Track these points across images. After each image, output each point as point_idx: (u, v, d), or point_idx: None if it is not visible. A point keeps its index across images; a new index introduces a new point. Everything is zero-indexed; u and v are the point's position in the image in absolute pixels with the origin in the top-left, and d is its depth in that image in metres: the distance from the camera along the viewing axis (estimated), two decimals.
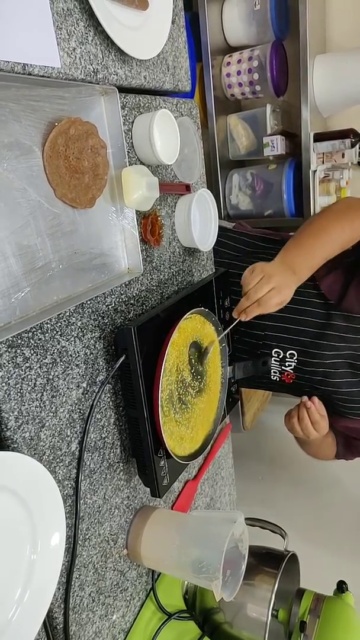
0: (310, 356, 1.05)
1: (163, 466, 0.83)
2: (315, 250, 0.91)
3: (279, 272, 0.85)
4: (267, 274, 0.84)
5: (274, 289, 0.83)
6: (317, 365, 1.04)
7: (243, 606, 0.95)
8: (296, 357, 1.07)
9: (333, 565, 1.59)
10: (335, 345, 1.02)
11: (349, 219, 0.94)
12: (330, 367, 1.03)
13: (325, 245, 0.92)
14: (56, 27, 0.62)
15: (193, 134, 0.95)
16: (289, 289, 0.85)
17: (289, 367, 1.09)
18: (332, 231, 0.92)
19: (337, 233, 0.92)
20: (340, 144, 1.87)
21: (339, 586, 0.99)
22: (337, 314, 1.02)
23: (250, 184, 2.07)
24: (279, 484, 2.12)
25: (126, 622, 0.87)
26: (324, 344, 1.02)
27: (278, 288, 0.83)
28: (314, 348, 1.03)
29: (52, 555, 0.64)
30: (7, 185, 0.57)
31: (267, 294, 0.83)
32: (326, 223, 0.94)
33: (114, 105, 0.72)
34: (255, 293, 0.83)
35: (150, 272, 0.88)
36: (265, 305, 0.84)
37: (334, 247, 0.93)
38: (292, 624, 0.96)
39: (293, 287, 0.86)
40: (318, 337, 1.03)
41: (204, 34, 1.88)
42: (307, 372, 1.07)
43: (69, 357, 0.69)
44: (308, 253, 0.90)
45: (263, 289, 0.83)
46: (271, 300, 0.83)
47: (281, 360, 1.10)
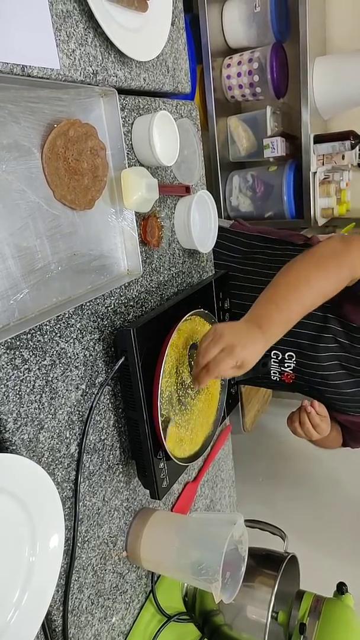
0: (308, 358, 1.05)
1: (162, 468, 0.83)
2: (290, 304, 0.78)
3: (233, 331, 0.74)
4: (217, 335, 0.73)
5: (223, 349, 0.72)
6: (315, 367, 1.04)
7: (243, 608, 0.94)
8: (295, 359, 1.07)
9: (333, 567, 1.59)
10: (331, 347, 1.02)
11: (334, 266, 0.82)
12: (328, 370, 1.03)
13: (303, 298, 0.79)
14: (55, 29, 0.62)
15: (193, 135, 0.95)
16: (245, 350, 0.72)
17: (288, 368, 1.09)
18: (314, 281, 0.80)
19: (321, 284, 0.81)
20: (340, 146, 1.87)
21: (338, 588, 0.98)
22: (333, 317, 1.02)
23: (250, 185, 2.07)
24: (279, 486, 2.12)
25: (125, 624, 0.87)
26: (320, 346, 1.02)
27: (229, 349, 0.71)
28: (311, 350, 1.03)
29: (51, 558, 0.64)
30: (6, 186, 0.57)
31: (217, 356, 0.72)
32: (307, 271, 0.81)
33: (113, 107, 0.72)
34: (202, 356, 0.73)
35: (150, 273, 0.88)
36: (215, 368, 0.72)
37: (314, 300, 0.81)
38: (291, 626, 0.96)
39: (255, 345, 0.73)
40: (314, 339, 1.03)
41: (204, 35, 1.88)
42: (306, 373, 1.07)
43: (68, 359, 0.69)
44: (280, 308, 0.78)
45: (211, 351, 0.72)
46: (223, 363, 0.71)
47: (280, 362, 1.10)
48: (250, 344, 0.73)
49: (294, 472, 2.14)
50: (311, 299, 0.80)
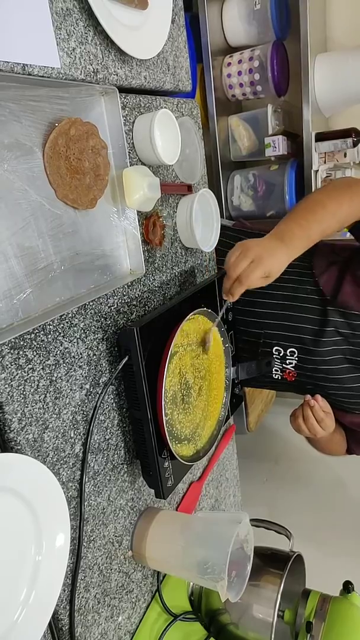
0: (310, 353, 1.04)
1: (167, 467, 0.83)
2: (310, 223, 0.87)
3: (259, 244, 0.81)
4: (245, 248, 0.81)
5: (253, 261, 0.79)
6: (317, 362, 1.04)
7: (249, 607, 0.94)
8: (297, 355, 1.07)
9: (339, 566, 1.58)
10: (333, 340, 1.02)
11: (347, 195, 0.90)
12: (331, 364, 1.03)
13: (321, 219, 0.87)
14: (55, 27, 0.62)
15: (194, 134, 0.95)
16: (272, 258, 0.80)
17: (290, 364, 1.09)
18: (329, 205, 0.89)
19: (334, 207, 0.89)
20: (342, 144, 1.86)
21: (345, 586, 0.98)
22: (333, 309, 1.01)
23: (252, 184, 2.07)
24: (283, 485, 2.11)
25: (132, 623, 0.86)
26: (323, 340, 1.02)
27: (258, 260, 0.79)
28: (313, 345, 1.03)
29: (57, 557, 0.64)
30: (7, 186, 0.57)
31: (247, 268, 0.80)
32: (322, 198, 0.90)
33: (114, 106, 0.71)
34: (234, 270, 0.80)
35: (153, 273, 0.88)
36: (247, 280, 0.80)
37: (330, 222, 0.89)
38: (298, 624, 0.95)
39: (280, 256, 0.81)
40: (316, 333, 1.02)
41: (204, 34, 1.87)
42: (308, 369, 1.06)
43: (71, 359, 0.69)
44: (301, 225, 0.86)
45: (241, 265, 0.80)
46: (252, 274, 0.79)
47: (282, 358, 1.09)
48: (276, 255, 0.80)
49: (299, 471, 2.13)
50: (327, 221, 0.88)
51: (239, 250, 0.81)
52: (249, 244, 0.81)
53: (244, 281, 0.80)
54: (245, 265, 0.79)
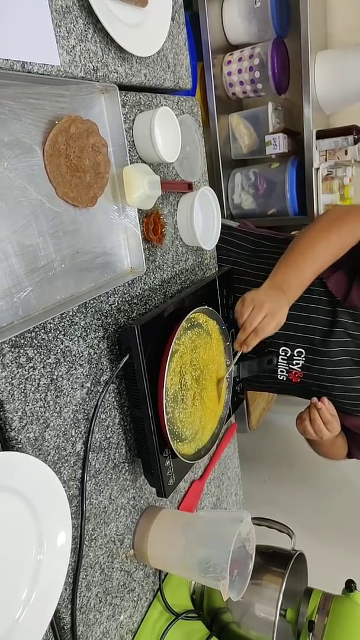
0: (318, 354, 1.04)
1: (169, 466, 0.83)
2: (304, 268, 0.91)
3: (269, 298, 0.86)
4: (258, 303, 0.85)
5: (267, 315, 0.84)
6: (325, 363, 1.04)
7: (251, 606, 0.94)
8: (304, 355, 1.06)
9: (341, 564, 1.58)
10: (342, 341, 1.01)
11: (335, 230, 0.94)
12: (338, 365, 1.03)
13: (313, 261, 0.92)
14: (55, 25, 0.62)
15: (194, 131, 0.95)
16: (281, 312, 0.86)
17: (297, 365, 1.08)
18: (319, 245, 0.93)
19: (324, 246, 0.93)
20: (343, 141, 1.86)
21: (347, 585, 0.98)
22: (343, 311, 1.01)
23: (253, 183, 2.06)
24: (285, 483, 2.11)
25: (134, 622, 0.86)
26: (332, 341, 1.02)
27: (271, 314, 0.84)
28: (321, 345, 1.03)
29: (58, 556, 0.63)
30: (7, 184, 0.57)
31: (261, 322, 0.84)
32: (312, 239, 0.94)
33: (114, 103, 0.71)
34: (250, 324, 0.84)
35: (153, 271, 0.88)
36: (262, 332, 0.85)
37: (323, 261, 0.93)
38: (300, 623, 0.95)
39: (285, 307, 0.87)
40: (326, 334, 1.02)
41: (204, 32, 1.87)
42: (315, 370, 1.06)
43: (72, 357, 0.68)
44: (296, 272, 0.91)
45: (257, 318, 0.84)
46: (267, 327, 0.84)
47: (289, 359, 1.09)
48: (283, 308, 0.87)
49: (300, 469, 2.13)
50: (319, 262, 0.93)
51: (251, 304, 0.85)
52: (261, 299, 0.85)
53: (261, 333, 0.85)
54: (260, 319, 0.84)
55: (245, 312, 0.85)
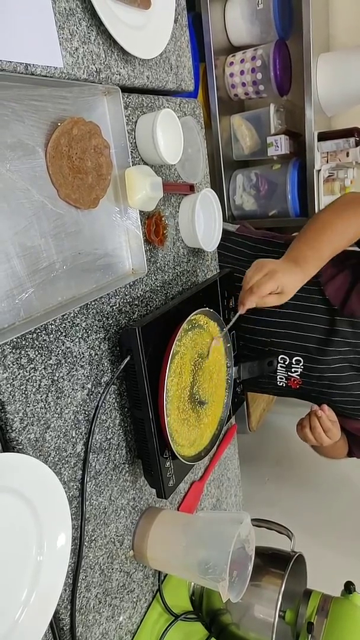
0: (316, 362, 1.04)
1: (169, 467, 0.83)
2: (322, 245, 0.89)
3: (274, 261, 0.84)
4: (260, 264, 0.84)
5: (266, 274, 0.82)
6: (323, 370, 1.04)
7: (250, 607, 0.94)
8: (302, 363, 1.06)
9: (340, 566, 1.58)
10: (340, 350, 1.01)
11: (353, 213, 0.93)
12: (337, 372, 1.03)
13: (331, 239, 0.90)
14: (58, 27, 0.62)
15: (196, 133, 0.95)
16: (286, 276, 0.83)
17: (296, 373, 1.08)
18: (337, 225, 0.91)
19: (343, 227, 0.91)
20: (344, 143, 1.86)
21: (346, 587, 0.98)
22: (341, 319, 1.01)
23: (254, 184, 2.06)
24: (285, 485, 2.11)
25: (133, 623, 0.86)
26: (330, 350, 1.02)
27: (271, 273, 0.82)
28: (319, 354, 1.03)
29: (58, 557, 0.64)
30: (10, 185, 0.57)
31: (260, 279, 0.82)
32: (330, 218, 0.93)
33: (116, 105, 0.71)
34: (247, 281, 0.83)
35: (155, 272, 0.88)
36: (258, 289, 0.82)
37: (340, 242, 0.91)
38: (299, 625, 0.95)
39: (293, 275, 0.84)
40: (324, 343, 1.02)
41: (206, 34, 1.87)
42: (313, 377, 1.06)
43: (73, 358, 0.69)
44: (313, 247, 0.89)
45: (255, 276, 0.82)
46: (264, 285, 0.81)
47: (287, 367, 1.09)
48: (289, 273, 0.83)
49: (300, 471, 2.13)
50: (337, 241, 0.91)
51: (255, 265, 0.84)
52: (264, 261, 0.84)
53: (256, 290, 0.81)
54: (260, 277, 0.82)
55: (247, 273, 0.84)
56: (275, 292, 0.83)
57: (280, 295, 0.83)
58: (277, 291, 0.83)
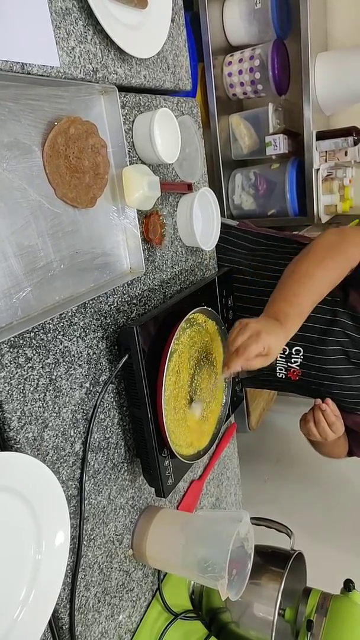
0: (316, 352, 1.04)
1: (168, 466, 0.83)
2: (300, 299, 0.87)
3: (257, 322, 0.81)
4: (243, 325, 0.80)
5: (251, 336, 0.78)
6: (323, 361, 1.04)
7: (250, 605, 0.94)
8: (302, 353, 1.07)
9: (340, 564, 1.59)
10: (340, 340, 1.02)
11: (330, 259, 0.91)
12: (336, 364, 1.03)
13: (310, 291, 0.88)
14: (55, 26, 0.62)
15: (194, 132, 0.95)
16: (270, 336, 0.79)
17: (295, 363, 1.08)
18: (316, 275, 0.89)
19: (321, 276, 0.90)
20: (343, 142, 1.86)
21: (345, 585, 0.98)
22: (343, 311, 1.01)
23: (253, 183, 2.07)
24: (284, 483, 2.11)
25: (132, 622, 0.87)
26: (330, 340, 1.02)
27: (256, 334, 0.78)
28: (320, 344, 1.03)
29: (57, 556, 0.64)
30: (7, 185, 0.57)
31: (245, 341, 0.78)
32: (308, 267, 0.90)
33: (113, 105, 0.71)
34: (232, 343, 0.79)
35: (153, 271, 0.88)
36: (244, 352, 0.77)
37: (321, 290, 0.90)
38: (299, 623, 0.96)
39: (278, 335, 0.80)
40: (324, 333, 1.02)
41: (205, 33, 1.88)
42: (313, 368, 1.06)
43: (71, 357, 0.69)
44: (292, 303, 0.86)
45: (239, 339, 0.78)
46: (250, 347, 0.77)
47: (287, 357, 1.09)
48: (274, 333, 0.80)
49: (300, 470, 2.14)
50: (318, 291, 0.89)
51: (238, 327, 0.81)
52: (248, 322, 0.80)
53: (242, 353, 0.77)
54: (244, 339, 0.78)
55: (231, 334, 0.81)
56: (261, 354, 0.79)
57: (266, 357, 0.79)
58: (264, 353, 0.78)
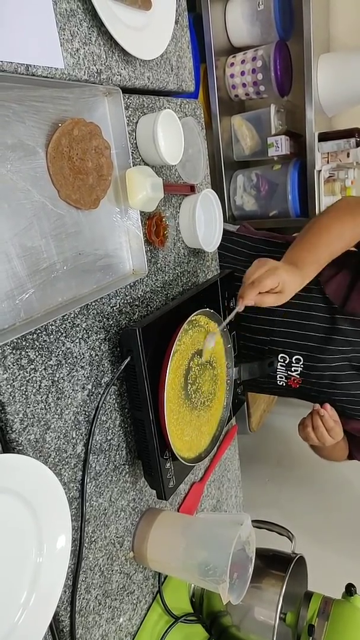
0: (316, 360, 1.04)
1: (169, 468, 0.83)
2: (319, 248, 0.91)
3: (281, 266, 0.84)
4: (263, 261, 0.84)
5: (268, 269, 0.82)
6: (323, 369, 1.04)
7: (251, 609, 0.94)
8: (302, 362, 1.06)
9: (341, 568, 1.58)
10: (341, 349, 1.01)
11: (350, 217, 0.94)
12: (337, 370, 1.03)
13: (328, 243, 0.92)
14: (59, 28, 0.62)
15: (197, 134, 0.95)
16: (287, 274, 0.83)
17: (295, 372, 1.08)
18: (334, 229, 0.93)
19: (339, 230, 0.93)
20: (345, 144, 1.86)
21: (347, 589, 0.98)
22: (342, 318, 1.01)
23: (255, 184, 2.06)
24: (285, 486, 2.11)
25: (133, 625, 0.86)
26: (330, 348, 1.01)
27: (273, 269, 0.82)
28: (320, 353, 1.03)
29: (58, 558, 0.63)
30: (11, 186, 0.57)
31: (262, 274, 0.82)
32: (327, 222, 0.94)
33: (117, 106, 0.71)
34: (248, 275, 0.83)
35: (155, 273, 0.88)
36: (259, 283, 0.81)
37: (337, 245, 0.93)
38: (300, 627, 0.95)
39: (294, 276, 0.85)
40: (324, 341, 1.02)
41: (207, 34, 1.87)
42: (313, 376, 1.06)
43: (74, 359, 0.68)
44: (312, 252, 0.90)
45: (257, 271, 0.82)
46: (265, 280, 0.81)
47: (287, 365, 1.09)
48: (291, 273, 0.84)
49: (301, 472, 2.13)
50: (334, 245, 0.93)
51: (257, 263, 0.85)
52: (266, 259, 0.84)
53: (257, 284, 0.81)
54: (262, 272, 0.82)
55: (250, 269, 0.85)
56: (274, 291, 0.83)
57: (280, 295, 0.83)
58: (277, 289, 0.82)
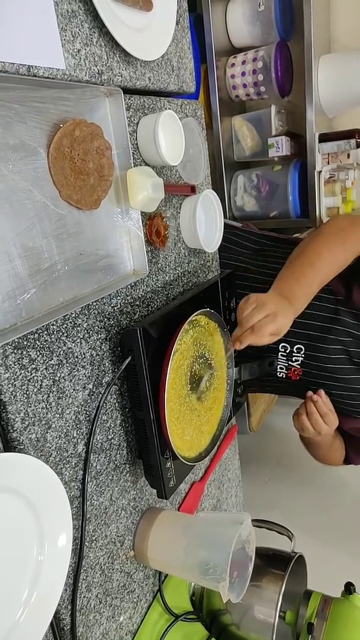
0: (317, 350, 1.04)
1: (169, 467, 0.83)
2: (309, 279, 0.90)
3: (272, 301, 0.83)
4: (261, 303, 0.83)
5: (268, 316, 0.81)
6: (324, 360, 1.04)
7: (250, 608, 0.94)
8: (303, 352, 1.07)
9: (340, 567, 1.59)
10: (342, 340, 1.02)
11: (339, 242, 0.93)
12: (337, 363, 1.03)
13: (319, 271, 0.91)
14: (61, 29, 0.62)
15: (198, 134, 0.95)
16: (285, 318, 0.83)
17: (296, 362, 1.08)
18: (325, 256, 0.92)
19: (330, 258, 0.92)
20: (345, 145, 1.86)
21: (346, 588, 0.98)
22: (345, 310, 1.01)
23: (255, 185, 2.07)
24: (285, 485, 2.11)
25: (133, 623, 0.87)
26: (332, 338, 1.02)
27: (272, 315, 0.81)
28: (321, 342, 1.03)
29: (59, 557, 0.64)
30: (12, 186, 0.58)
31: (261, 320, 0.81)
32: (317, 249, 0.93)
33: (118, 107, 0.72)
34: (248, 321, 0.82)
35: (156, 273, 0.88)
36: (259, 331, 0.81)
37: (328, 272, 0.92)
38: (299, 625, 0.96)
39: (289, 316, 0.84)
40: (326, 331, 1.02)
41: (208, 35, 1.88)
42: (314, 367, 1.06)
43: (75, 359, 0.69)
44: (301, 283, 0.89)
45: (257, 316, 0.81)
46: (266, 327, 0.80)
47: (288, 355, 1.09)
48: (287, 315, 0.83)
49: (301, 471, 2.13)
50: (326, 272, 0.92)
51: (255, 304, 0.83)
52: (264, 299, 0.83)
53: (257, 332, 0.81)
54: (261, 317, 0.81)
55: (247, 308, 0.83)
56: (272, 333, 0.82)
57: (274, 336, 0.83)
58: (275, 332, 0.82)
